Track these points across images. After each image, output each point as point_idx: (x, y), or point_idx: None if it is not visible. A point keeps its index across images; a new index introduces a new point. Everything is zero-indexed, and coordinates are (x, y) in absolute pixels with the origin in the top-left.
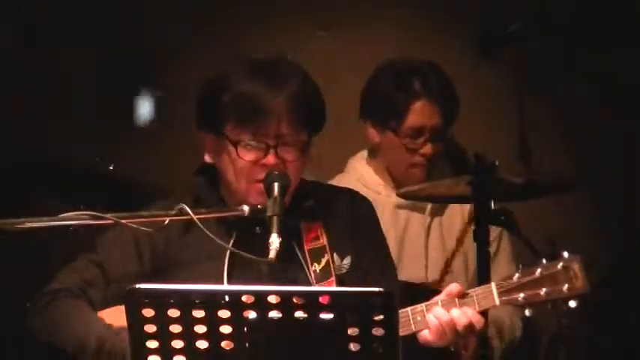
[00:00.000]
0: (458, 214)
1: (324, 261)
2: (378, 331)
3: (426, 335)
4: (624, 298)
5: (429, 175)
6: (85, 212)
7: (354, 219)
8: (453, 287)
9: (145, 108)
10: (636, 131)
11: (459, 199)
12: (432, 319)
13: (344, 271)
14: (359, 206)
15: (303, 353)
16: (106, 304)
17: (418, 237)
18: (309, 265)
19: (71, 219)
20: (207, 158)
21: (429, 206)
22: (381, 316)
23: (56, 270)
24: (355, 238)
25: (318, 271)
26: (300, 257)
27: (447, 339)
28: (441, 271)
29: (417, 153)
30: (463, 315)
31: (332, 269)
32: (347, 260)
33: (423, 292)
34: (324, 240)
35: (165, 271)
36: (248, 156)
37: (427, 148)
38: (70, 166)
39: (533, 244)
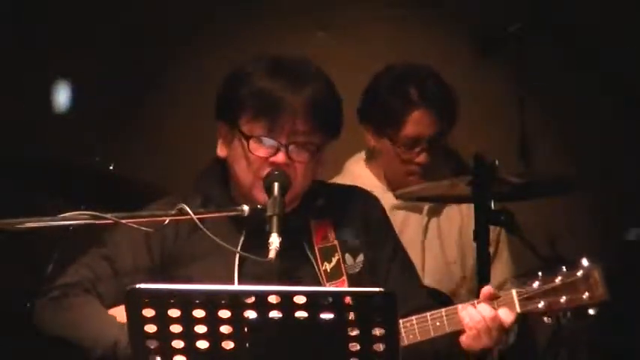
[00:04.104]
0: (456, 215)
1: (334, 260)
2: (378, 331)
3: (462, 338)
4: (624, 298)
5: (424, 179)
6: (85, 212)
7: (366, 218)
8: (486, 289)
9: (144, 108)
10: (636, 131)
11: (459, 199)
12: (474, 313)
13: (357, 269)
14: (370, 205)
15: (303, 353)
16: (116, 299)
17: (415, 238)
18: (320, 264)
19: (71, 219)
20: (220, 151)
21: (426, 207)
22: (381, 316)
23: (56, 270)
24: (368, 237)
25: (328, 270)
26: (311, 256)
27: (481, 341)
28: None
29: (412, 162)
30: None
31: (343, 269)
32: (360, 258)
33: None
34: (334, 239)
35: (175, 267)
36: (259, 151)
37: (422, 158)
38: (70, 166)
39: (533, 245)
